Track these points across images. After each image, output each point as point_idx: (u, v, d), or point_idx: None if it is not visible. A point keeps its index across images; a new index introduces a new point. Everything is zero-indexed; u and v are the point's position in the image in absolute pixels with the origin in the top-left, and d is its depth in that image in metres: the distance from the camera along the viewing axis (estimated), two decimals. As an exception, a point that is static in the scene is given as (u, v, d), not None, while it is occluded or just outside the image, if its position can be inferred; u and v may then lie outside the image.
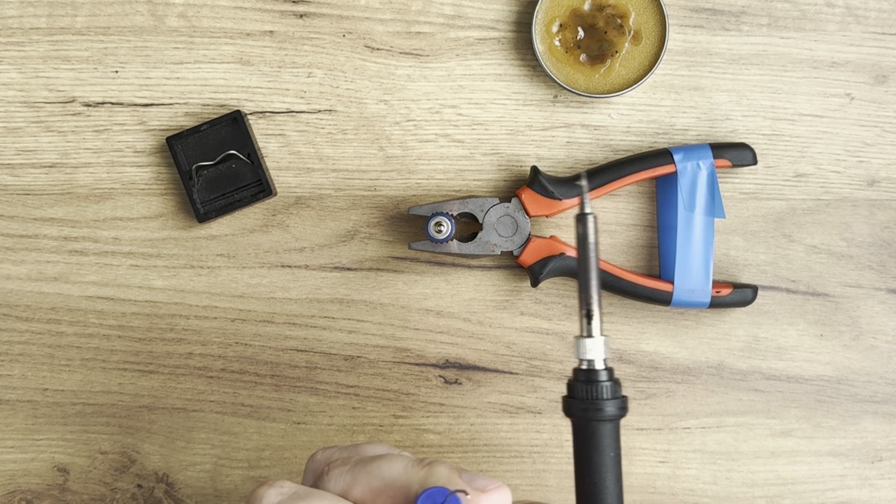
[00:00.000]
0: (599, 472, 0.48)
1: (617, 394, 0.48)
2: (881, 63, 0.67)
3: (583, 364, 0.49)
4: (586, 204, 0.50)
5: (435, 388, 0.67)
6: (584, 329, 0.49)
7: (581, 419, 0.48)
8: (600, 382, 0.48)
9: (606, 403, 0.48)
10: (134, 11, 0.66)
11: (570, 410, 0.49)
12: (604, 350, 0.49)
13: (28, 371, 0.67)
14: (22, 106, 0.67)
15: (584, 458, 0.48)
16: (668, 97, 0.67)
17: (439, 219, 0.63)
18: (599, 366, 0.49)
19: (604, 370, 0.49)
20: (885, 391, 0.67)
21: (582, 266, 0.49)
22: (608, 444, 0.48)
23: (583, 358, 0.49)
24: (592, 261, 0.49)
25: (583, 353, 0.49)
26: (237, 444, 0.67)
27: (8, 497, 0.67)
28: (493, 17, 0.66)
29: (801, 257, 0.67)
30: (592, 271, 0.49)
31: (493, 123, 0.67)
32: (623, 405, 0.48)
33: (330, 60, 0.67)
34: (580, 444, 0.48)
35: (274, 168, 0.67)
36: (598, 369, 0.49)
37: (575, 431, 0.49)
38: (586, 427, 0.48)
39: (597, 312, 0.49)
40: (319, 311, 0.67)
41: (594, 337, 0.49)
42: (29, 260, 0.67)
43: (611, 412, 0.48)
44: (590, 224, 0.49)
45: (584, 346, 0.49)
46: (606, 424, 0.48)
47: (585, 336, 0.49)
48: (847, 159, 0.67)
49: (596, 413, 0.48)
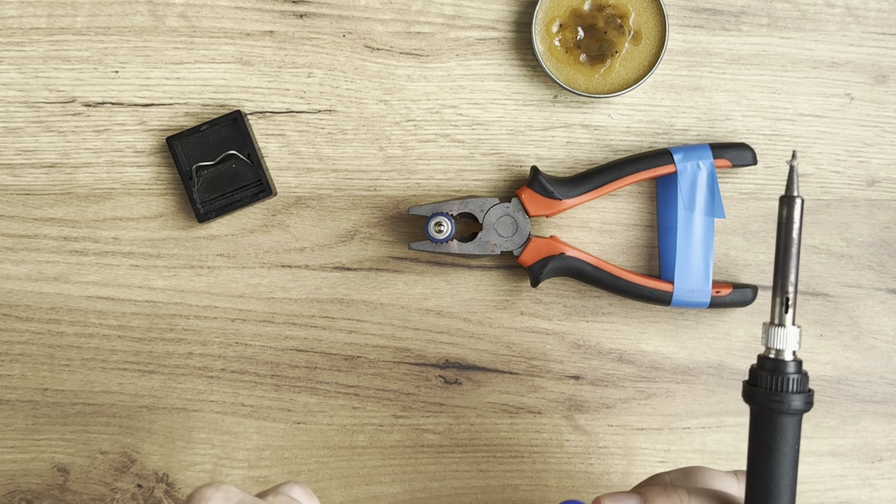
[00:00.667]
0: (778, 466, 0.46)
1: (804, 387, 0.46)
2: (881, 63, 0.67)
3: (770, 353, 0.47)
4: (795, 185, 0.47)
5: (435, 388, 0.67)
6: (778, 317, 0.47)
7: (764, 409, 0.47)
8: (788, 374, 0.46)
9: (794, 397, 0.46)
10: (134, 11, 0.66)
11: (754, 398, 0.47)
12: (796, 341, 0.47)
13: (28, 371, 0.67)
14: (22, 106, 0.67)
15: (762, 449, 0.47)
16: (668, 97, 0.67)
17: (439, 219, 0.63)
18: (789, 357, 0.47)
19: (793, 362, 0.47)
20: (885, 391, 0.67)
21: (782, 252, 0.47)
22: (790, 439, 0.46)
23: (772, 346, 0.47)
24: (794, 247, 0.47)
25: (773, 341, 0.47)
26: (237, 444, 0.67)
27: (8, 497, 0.67)
28: (493, 17, 0.66)
29: (802, 257, 0.67)
30: (793, 258, 0.46)
31: (493, 123, 0.67)
32: (810, 400, 0.46)
33: (330, 60, 0.67)
34: (760, 434, 0.47)
35: (274, 168, 0.67)
36: (787, 360, 0.47)
37: (754, 421, 0.47)
38: (770, 419, 0.46)
39: (793, 301, 0.46)
40: (319, 311, 0.67)
41: (786, 326, 0.47)
42: (29, 260, 0.67)
43: (797, 406, 0.46)
44: (796, 208, 0.47)
45: (775, 334, 0.47)
46: (791, 418, 0.46)
47: (778, 325, 0.47)
48: (847, 159, 0.67)
49: (782, 405, 0.46)
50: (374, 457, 0.67)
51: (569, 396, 0.67)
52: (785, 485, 0.46)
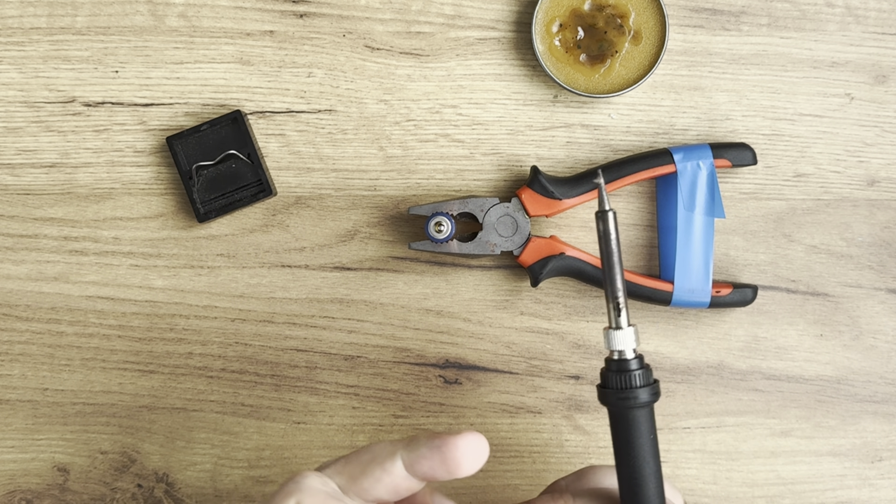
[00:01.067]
0: (639, 456, 0.49)
1: (649, 380, 0.50)
2: (881, 63, 0.67)
3: (614, 354, 0.51)
4: (605, 200, 0.51)
5: (435, 388, 0.67)
6: (614, 321, 0.50)
7: (617, 407, 0.50)
8: (632, 371, 0.50)
9: (640, 391, 0.50)
10: (134, 11, 0.66)
11: (606, 399, 0.50)
12: (634, 340, 0.50)
13: (28, 371, 0.67)
14: (22, 106, 0.67)
15: (622, 444, 0.50)
16: (668, 97, 0.67)
17: (439, 219, 0.63)
18: (630, 355, 0.50)
19: (634, 359, 0.50)
20: (884, 391, 0.67)
21: (606, 261, 0.50)
22: (645, 429, 0.50)
23: (613, 349, 0.50)
24: (616, 255, 0.50)
25: (613, 344, 0.50)
26: (237, 444, 0.67)
27: (8, 497, 0.67)
28: (493, 17, 0.66)
29: (801, 257, 0.67)
30: (616, 266, 0.50)
31: (493, 123, 0.67)
32: (655, 390, 0.50)
33: (330, 60, 0.67)
34: (618, 431, 0.50)
35: (274, 168, 0.67)
36: (629, 358, 0.50)
37: (612, 419, 0.50)
38: (623, 415, 0.50)
39: (624, 304, 0.50)
40: (319, 311, 0.67)
41: (623, 328, 0.50)
42: (29, 260, 0.67)
43: (644, 398, 0.50)
44: (610, 220, 0.50)
45: (614, 337, 0.50)
46: (641, 410, 0.50)
47: (615, 328, 0.50)
48: (847, 159, 0.67)
49: (631, 401, 0.49)
50: (374, 457, 0.67)
51: (569, 396, 0.67)
52: (649, 472, 0.49)
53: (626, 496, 0.50)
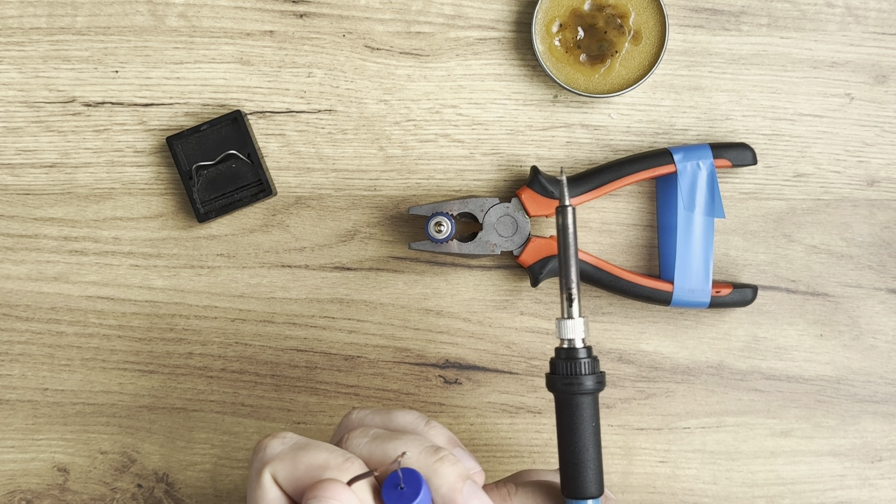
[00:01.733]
0: (581, 442, 0.51)
1: (595, 369, 0.52)
2: (881, 63, 0.67)
3: (564, 343, 0.53)
4: (565, 196, 0.54)
5: (435, 388, 0.67)
6: (566, 311, 0.53)
7: (563, 393, 0.52)
8: (580, 359, 0.52)
9: (586, 378, 0.51)
10: (134, 11, 0.66)
11: (553, 386, 0.52)
12: (583, 330, 0.52)
13: (28, 371, 0.67)
14: (22, 106, 0.67)
15: (566, 429, 0.52)
16: (668, 97, 0.67)
17: (439, 219, 0.63)
18: (579, 344, 0.52)
19: (583, 348, 0.52)
20: (884, 391, 0.67)
21: (562, 254, 0.53)
22: (588, 416, 0.52)
23: (564, 337, 0.53)
24: (572, 249, 0.53)
25: (564, 333, 0.52)
26: (237, 444, 0.67)
27: (8, 497, 0.67)
28: (493, 17, 0.66)
29: (801, 257, 0.67)
30: (572, 258, 0.53)
31: (493, 123, 0.67)
32: (601, 380, 0.52)
33: (330, 60, 0.67)
34: (562, 416, 0.52)
35: (274, 168, 0.67)
36: (578, 347, 0.52)
37: (557, 405, 0.52)
38: (568, 401, 0.52)
39: (576, 296, 0.52)
40: (319, 311, 0.67)
41: (574, 318, 0.52)
42: (29, 260, 0.67)
43: (590, 386, 0.51)
44: (569, 215, 0.53)
45: (565, 326, 0.52)
46: (586, 398, 0.52)
47: (566, 318, 0.52)
48: (847, 159, 0.67)
49: (576, 387, 0.51)
50: (374, 457, 0.67)
51: (569, 396, 0.67)
52: (589, 458, 0.51)
53: (566, 481, 0.52)
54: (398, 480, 0.47)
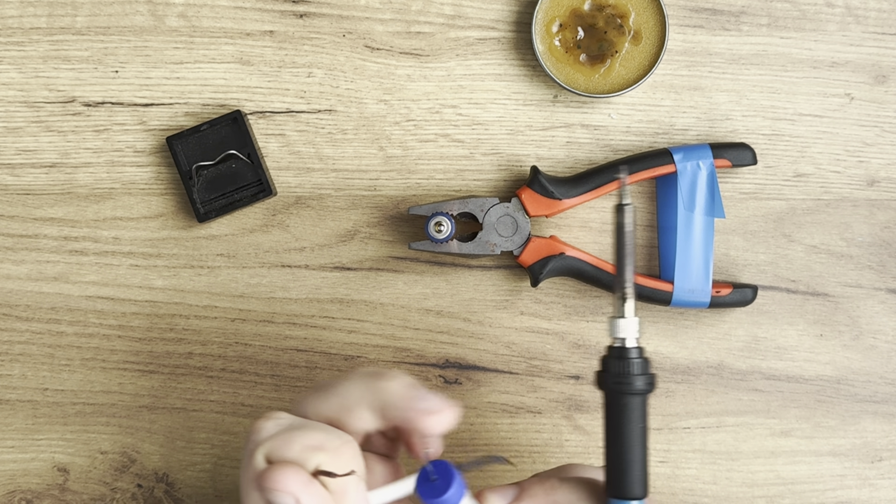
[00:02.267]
0: (628, 442, 0.51)
1: (646, 370, 0.51)
2: (881, 63, 0.67)
3: (616, 342, 0.52)
4: (626, 195, 0.53)
5: (435, 388, 0.67)
6: (619, 310, 0.52)
7: (613, 392, 0.51)
8: (631, 359, 0.51)
9: (636, 378, 0.51)
10: (134, 11, 0.66)
11: (604, 383, 0.52)
12: (636, 330, 0.52)
13: (28, 371, 0.67)
14: (22, 106, 0.67)
15: (613, 428, 0.51)
16: (668, 97, 0.67)
17: (439, 219, 0.63)
18: (631, 344, 0.52)
19: (635, 348, 0.52)
20: (884, 391, 0.67)
21: (619, 253, 0.52)
22: (637, 417, 0.51)
23: (616, 336, 0.52)
24: (628, 248, 0.52)
25: (616, 332, 0.52)
26: (237, 444, 0.67)
27: (8, 497, 0.67)
28: (493, 17, 0.66)
29: (801, 257, 0.67)
30: (628, 258, 0.52)
31: (493, 123, 0.67)
32: (651, 381, 0.51)
33: (330, 60, 0.67)
34: (611, 415, 0.51)
35: (274, 168, 0.67)
36: (630, 347, 0.52)
37: (606, 404, 0.52)
38: (617, 400, 0.51)
39: (631, 295, 0.52)
40: (319, 311, 0.67)
41: (627, 317, 0.52)
42: (29, 260, 0.67)
43: (640, 386, 0.51)
44: (628, 214, 0.52)
45: (617, 325, 0.52)
46: (636, 398, 0.51)
47: (619, 316, 0.52)
48: (847, 159, 0.67)
49: (626, 387, 0.51)
50: (374, 457, 0.67)
51: (569, 396, 0.67)
52: (636, 458, 0.51)
53: (611, 480, 0.51)
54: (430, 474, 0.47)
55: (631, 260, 0.52)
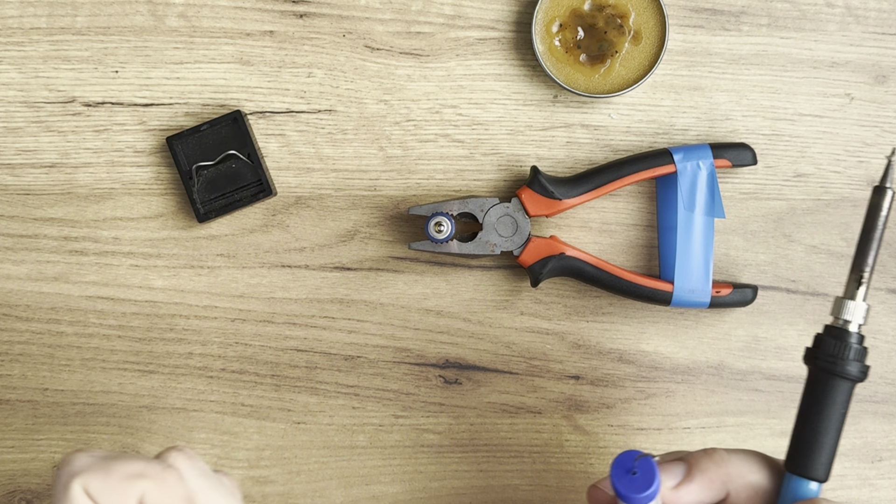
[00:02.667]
0: (824, 423, 0.50)
1: (863, 358, 0.50)
2: (881, 63, 0.67)
3: (838, 322, 0.51)
4: (889, 178, 0.51)
5: (435, 388, 0.67)
6: (850, 292, 0.51)
7: (823, 371, 0.50)
8: (850, 343, 0.50)
9: (850, 364, 0.50)
10: (134, 11, 0.66)
11: (813, 360, 0.50)
12: (862, 316, 0.50)
13: (28, 371, 0.67)
14: (22, 106, 0.67)
15: (812, 406, 0.50)
16: (668, 97, 0.67)
17: (439, 219, 0.63)
18: (853, 329, 0.50)
19: (857, 334, 0.50)
20: (885, 391, 0.67)
21: (866, 235, 0.51)
22: (840, 401, 0.50)
23: (840, 317, 0.51)
24: (878, 232, 0.51)
25: (842, 312, 0.51)
26: (237, 444, 0.67)
27: (8, 497, 0.67)
28: (493, 17, 0.66)
29: (801, 257, 0.67)
30: (874, 242, 0.51)
31: (493, 123, 0.67)
32: (864, 370, 0.50)
33: (330, 60, 0.67)
34: (812, 393, 0.50)
35: (274, 168, 0.67)
36: (852, 332, 0.50)
37: (810, 381, 0.51)
38: (824, 380, 0.50)
39: (867, 280, 0.50)
40: (319, 311, 0.67)
41: (856, 301, 0.51)
42: (29, 260, 0.67)
43: (852, 372, 0.50)
44: (887, 198, 0.51)
45: (845, 306, 0.51)
46: (845, 382, 0.50)
47: (849, 298, 0.51)
48: (847, 159, 0.67)
49: (838, 368, 0.50)
50: (374, 457, 0.67)
51: (569, 396, 0.67)
52: (828, 441, 0.49)
53: (796, 456, 0.50)
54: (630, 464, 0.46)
55: (877, 245, 0.50)
